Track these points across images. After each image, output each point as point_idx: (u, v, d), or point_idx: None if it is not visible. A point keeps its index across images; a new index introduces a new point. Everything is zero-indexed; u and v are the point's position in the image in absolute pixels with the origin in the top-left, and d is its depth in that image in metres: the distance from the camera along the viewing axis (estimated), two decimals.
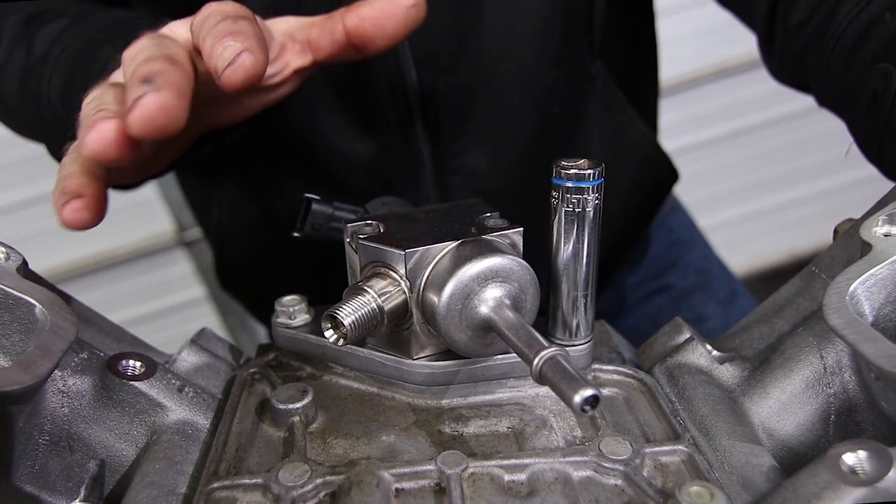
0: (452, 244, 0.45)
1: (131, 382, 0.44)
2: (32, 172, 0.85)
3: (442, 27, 0.72)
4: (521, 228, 0.48)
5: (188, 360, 0.51)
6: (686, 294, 0.99)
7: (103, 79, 0.52)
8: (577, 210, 0.44)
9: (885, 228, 0.41)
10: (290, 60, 0.56)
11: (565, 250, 0.46)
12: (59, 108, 0.63)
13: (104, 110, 0.44)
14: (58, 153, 0.68)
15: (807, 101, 0.67)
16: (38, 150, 0.73)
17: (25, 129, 0.75)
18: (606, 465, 0.40)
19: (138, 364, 0.45)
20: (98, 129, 0.42)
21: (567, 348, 0.47)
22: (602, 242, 0.47)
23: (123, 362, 0.45)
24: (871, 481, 0.30)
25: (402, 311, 0.46)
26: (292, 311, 0.53)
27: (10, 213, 1.88)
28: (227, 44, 0.45)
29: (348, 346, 0.47)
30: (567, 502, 0.38)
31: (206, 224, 0.97)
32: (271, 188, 0.82)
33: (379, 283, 0.45)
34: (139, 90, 0.41)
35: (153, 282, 2.09)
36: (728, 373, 0.48)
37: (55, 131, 0.63)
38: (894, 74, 0.49)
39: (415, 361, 0.47)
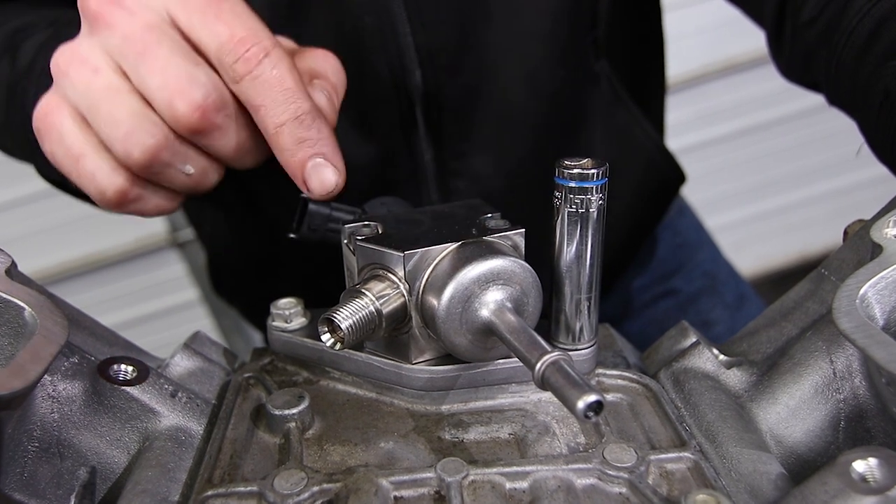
0: (452, 246, 0.45)
1: (123, 387, 0.44)
2: (20, 172, 0.84)
3: (447, 24, 0.71)
4: (523, 230, 0.47)
5: (181, 364, 0.51)
6: (693, 298, 0.98)
7: None
8: (580, 211, 0.44)
9: None
10: None
11: (568, 252, 0.45)
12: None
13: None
14: (47, 173, 0.64)
15: (816, 98, 0.66)
16: None
17: (15, 148, 0.71)
18: (610, 472, 0.39)
19: (130, 368, 0.45)
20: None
21: (570, 353, 0.47)
22: (606, 244, 0.46)
23: (115, 367, 0.45)
24: (882, 489, 0.29)
25: (400, 315, 0.45)
26: (288, 314, 0.52)
27: None
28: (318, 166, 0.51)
29: (345, 350, 0.47)
30: None
31: (199, 228, 0.96)
32: (266, 192, 0.81)
33: (377, 286, 0.44)
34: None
35: (145, 284, 2.07)
36: (735, 378, 0.47)
37: (39, 152, 0.55)
38: None
39: (414, 366, 0.47)
